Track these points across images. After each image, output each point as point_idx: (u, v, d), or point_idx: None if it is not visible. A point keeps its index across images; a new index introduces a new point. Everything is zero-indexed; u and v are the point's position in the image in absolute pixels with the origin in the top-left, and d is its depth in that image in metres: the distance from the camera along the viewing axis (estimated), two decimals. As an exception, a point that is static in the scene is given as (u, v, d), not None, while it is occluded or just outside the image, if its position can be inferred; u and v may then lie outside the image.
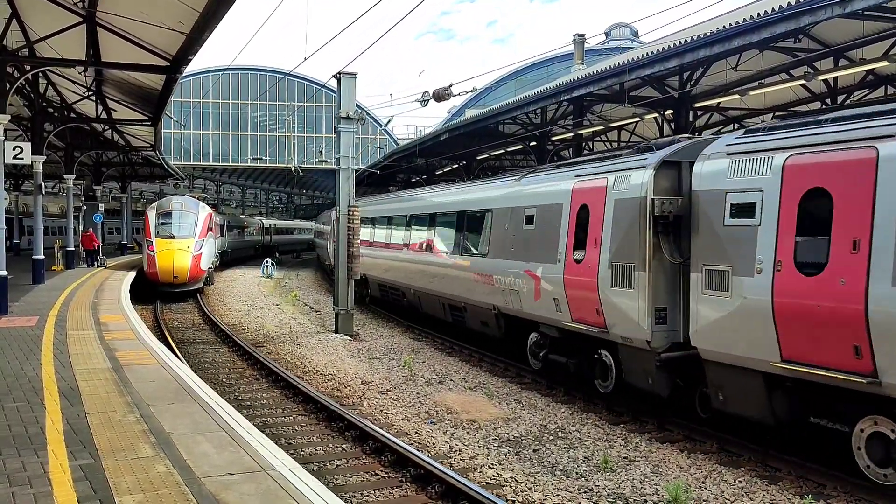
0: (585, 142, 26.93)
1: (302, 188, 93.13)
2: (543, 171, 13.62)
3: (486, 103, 48.64)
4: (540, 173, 13.64)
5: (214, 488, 5.31)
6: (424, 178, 39.73)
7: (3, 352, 10.58)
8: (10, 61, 15.46)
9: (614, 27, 61.96)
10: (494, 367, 14.52)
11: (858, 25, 14.39)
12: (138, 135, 29.24)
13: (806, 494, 7.58)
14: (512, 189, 14.24)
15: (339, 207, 18.67)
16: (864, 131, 7.23)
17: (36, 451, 6.09)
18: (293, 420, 10.55)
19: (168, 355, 10.70)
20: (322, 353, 15.97)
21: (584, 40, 29.76)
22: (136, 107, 23.28)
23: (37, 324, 13.44)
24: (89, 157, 34.54)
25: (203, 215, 27.43)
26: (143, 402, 7.80)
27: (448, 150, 28.78)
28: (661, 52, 14.37)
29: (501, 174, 19.23)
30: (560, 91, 18.36)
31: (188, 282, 25.52)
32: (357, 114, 18.84)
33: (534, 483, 7.95)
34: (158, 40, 14.76)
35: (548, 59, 52.89)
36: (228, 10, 11.54)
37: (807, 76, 15.62)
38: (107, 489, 5.25)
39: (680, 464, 8.67)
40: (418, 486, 7.76)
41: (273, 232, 60.09)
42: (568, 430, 10.11)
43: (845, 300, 7.05)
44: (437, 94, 18.19)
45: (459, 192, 17.39)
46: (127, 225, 44.35)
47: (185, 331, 19.18)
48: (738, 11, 14.54)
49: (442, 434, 9.83)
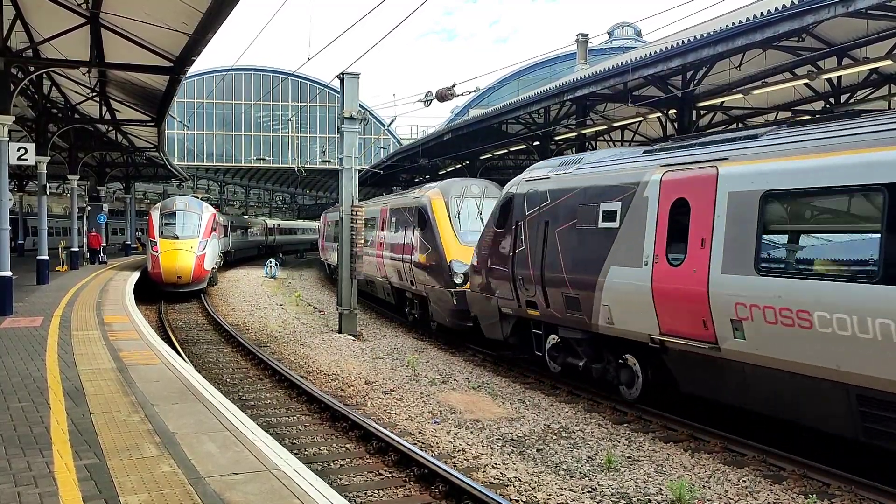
0: (588, 141, 26.92)
1: (305, 188, 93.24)
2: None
3: (489, 103, 48.63)
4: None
5: (219, 488, 5.32)
6: (428, 177, 39.74)
7: (9, 352, 10.61)
8: (14, 62, 15.50)
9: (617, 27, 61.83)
10: (498, 366, 14.53)
11: (862, 24, 14.38)
12: (142, 135, 29.31)
13: (810, 493, 7.57)
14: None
15: (343, 207, 18.68)
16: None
17: (41, 450, 6.11)
18: (297, 420, 10.56)
19: (172, 355, 10.72)
20: (326, 353, 15.99)
21: (587, 40, 29.78)
22: (140, 107, 23.34)
23: (41, 324, 13.48)
24: (93, 158, 34.65)
25: (207, 215, 27.48)
26: (147, 401, 7.83)
27: (451, 150, 28.78)
28: (665, 52, 14.37)
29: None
30: (563, 91, 18.36)
31: (192, 282, 25.56)
32: (360, 114, 18.85)
33: (537, 482, 7.95)
34: (162, 41, 14.80)
35: (551, 59, 52.93)
36: (232, 10, 11.55)
37: (810, 75, 15.61)
38: (112, 488, 5.27)
39: (683, 463, 8.66)
40: (422, 485, 7.77)
41: (276, 232, 60.18)
42: (571, 429, 10.11)
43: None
44: (440, 95, 18.21)
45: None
46: (131, 225, 44.47)
47: (188, 331, 19.21)
48: (742, 11, 14.54)
49: (445, 434, 9.84)
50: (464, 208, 17.20)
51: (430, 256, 17.06)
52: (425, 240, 17.37)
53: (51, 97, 22.74)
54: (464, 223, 16.94)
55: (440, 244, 16.60)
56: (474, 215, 17.12)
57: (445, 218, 17.00)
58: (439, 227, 16.91)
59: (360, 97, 19.02)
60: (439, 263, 16.50)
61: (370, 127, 54.05)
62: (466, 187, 17.73)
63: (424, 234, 17.46)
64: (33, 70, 16.99)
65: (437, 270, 16.64)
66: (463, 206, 17.26)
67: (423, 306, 18.41)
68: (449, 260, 16.23)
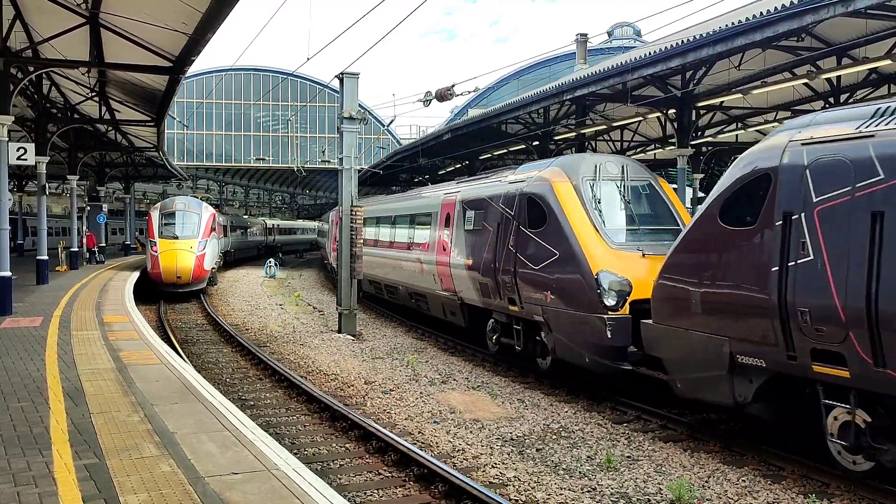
0: (588, 141, 26.95)
1: (305, 188, 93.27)
2: None
3: (489, 103, 48.67)
4: None
5: (218, 488, 5.32)
6: (427, 177, 39.77)
7: (8, 352, 10.61)
8: (13, 62, 15.50)
9: (617, 26, 61.92)
10: (497, 366, 14.52)
11: (861, 24, 14.38)
12: (141, 135, 29.30)
13: (810, 493, 7.58)
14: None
15: (343, 207, 18.68)
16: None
17: (41, 450, 6.11)
18: (297, 420, 10.57)
19: (172, 355, 10.72)
20: (325, 352, 15.99)
21: (586, 40, 29.81)
22: (140, 107, 23.35)
23: (41, 324, 13.48)
24: (93, 158, 34.65)
25: (206, 216, 27.47)
26: (147, 401, 7.83)
27: (451, 149, 28.80)
28: (664, 52, 14.38)
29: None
30: (563, 90, 18.37)
31: (191, 282, 25.55)
32: (360, 114, 18.84)
33: (537, 482, 7.95)
34: (161, 41, 14.80)
35: (550, 59, 53.00)
36: (231, 10, 11.56)
37: (810, 75, 15.63)
38: (111, 488, 5.27)
39: (683, 463, 8.67)
40: (422, 485, 7.77)
41: (276, 232, 60.19)
42: (571, 429, 10.12)
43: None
44: (440, 94, 18.21)
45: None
46: (130, 225, 44.48)
47: (188, 331, 19.21)
48: (741, 10, 14.56)
49: (445, 433, 9.84)
50: (603, 195, 12.24)
51: (555, 265, 11.98)
52: (546, 241, 12.26)
53: (50, 97, 22.73)
54: (608, 217, 12.03)
55: (577, 248, 11.53)
56: (618, 205, 12.33)
57: (579, 209, 11.97)
58: (572, 222, 11.86)
59: (359, 97, 19.02)
60: (576, 276, 11.42)
61: (370, 127, 54.08)
62: (600, 165, 12.54)
63: (543, 234, 12.38)
64: (33, 70, 16.99)
65: (572, 286, 11.55)
66: (601, 191, 12.27)
67: (530, 333, 13.15)
68: (595, 272, 11.07)
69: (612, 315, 10.84)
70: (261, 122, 65.47)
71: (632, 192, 12.40)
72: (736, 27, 12.55)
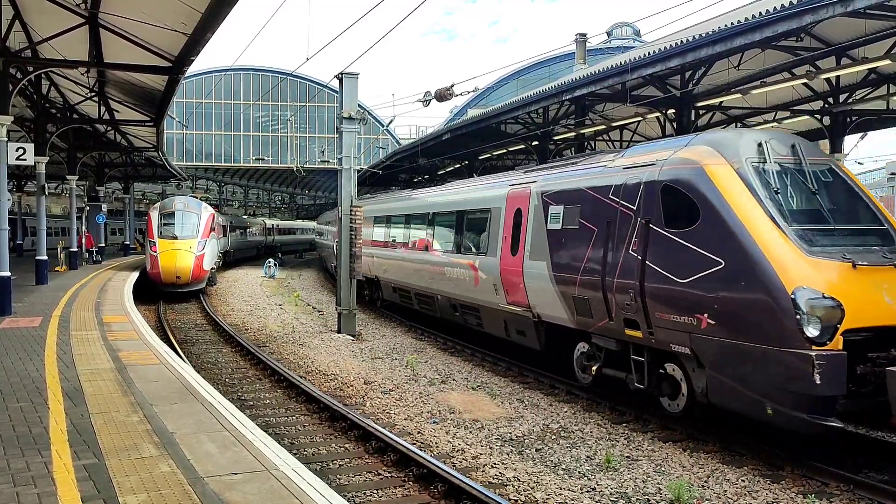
0: (587, 141, 26.93)
1: (304, 188, 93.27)
2: None
3: (488, 103, 48.68)
4: None
5: (218, 488, 5.32)
6: (426, 177, 39.76)
7: (8, 352, 10.61)
8: (12, 62, 15.49)
9: (616, 26, 61.98)
10: (497, 366, 14.53)
11: (860, 24, 14.38)
12: (141, 135, 29.30)
13: (809, 493, 7.59)
14: None
15: (342, 208, 18.68)
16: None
17: (40, 450, 6.11)
18: (296, 420, 10.56)
19: (171, 355, 10.72)
20: (325, 353, 15.98)
21: (585, 40, 29.78)
22: (139, 108, 23.34)
23: (40, 324, 13.47)
24: (92, 158, 34.63)
25: (206, 216, 27.47)
26: (146, 402, 7.82)
27: (450, 149, 28.78)
28: (663, 52, 14.37)
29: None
30: (562, 90, 18.36)
31: (191, 282, 25.55)
32: (359, 114, 18.85)
33: (536, 482, 7.95)
34: (160, 41, 14.79)
35: (550, 59, 53.04)
36: (231, 10, 11.55)
37: (809, 75, 15.61)
38: (110, 489, 5.27)
39: (682, 463, 8.67)
40: (421, 485, 7.77)
41: (275, 232, 60.20)
42: (570, 429, 10.12)
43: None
44: (439, 94, 18.18)
45: None
46: (129, 225, 44.46)
47: (188, 331, 19.21)
48: (740, 10, 14.54)
49: (445, 434, 9.84)
50: (780, 183, 9.06)
51: (716, 278, 8.70)
52: (699, 245, 8.99)
53: (49, 97, 22.71)
54: (793, 213, 8.80)
55: (758, 255, 8.29)
56: (802, 196, 9.14)
57: (751, 201, 8.75)
58: (744, 219, 8.61)
59: (359, 97, 19.03)
60: (759, 295, 8.18)
61: (369, 127, 54.08)
62: (766, 143, 9.42)
63: (694, 236, 9.12)
64: (32, 70, 16.98)
65: (749, 308, 8.30)
66: (774, 177, 9.09)
67: (655, 366, 10.14)
68: (790, 289, 7.92)
69: (821, 351, 7.72)
70: (260, 122, 65.48)
71: (814, 179, 9.27)
72: (735, 27, 12.54)
